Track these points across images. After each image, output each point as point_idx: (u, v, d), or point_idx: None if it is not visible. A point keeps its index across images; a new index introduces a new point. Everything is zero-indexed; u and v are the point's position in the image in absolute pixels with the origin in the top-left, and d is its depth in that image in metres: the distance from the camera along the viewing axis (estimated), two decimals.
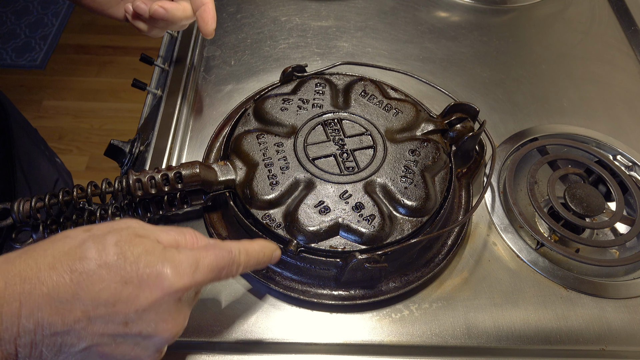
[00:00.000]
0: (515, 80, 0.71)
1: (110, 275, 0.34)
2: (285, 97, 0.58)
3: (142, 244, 0.36)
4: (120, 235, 0.36)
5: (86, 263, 0.34)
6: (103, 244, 0.35)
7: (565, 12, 0.82)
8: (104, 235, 0.36)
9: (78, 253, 0.34)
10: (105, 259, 0.34)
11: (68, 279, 0.33)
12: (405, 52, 0.74)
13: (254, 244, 0.42)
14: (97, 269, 0.34)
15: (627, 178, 0.60)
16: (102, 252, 0.34)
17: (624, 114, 0.68)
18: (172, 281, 0.35)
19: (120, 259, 0.34)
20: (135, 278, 0.34)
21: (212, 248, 0.39)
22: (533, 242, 0.55)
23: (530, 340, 0.49)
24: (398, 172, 0.52)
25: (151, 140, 0.61)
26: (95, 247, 0.34)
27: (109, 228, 0.37)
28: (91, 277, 0.34)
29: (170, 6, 0.55)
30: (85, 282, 0.33)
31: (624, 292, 0.52)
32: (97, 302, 0.34)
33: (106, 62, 2.09)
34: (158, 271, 0.35)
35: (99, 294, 0.34)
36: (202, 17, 0.56)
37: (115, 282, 0.34)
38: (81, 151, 1.83)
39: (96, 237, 0.35)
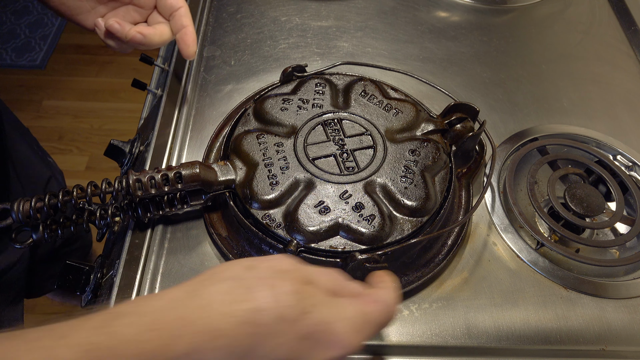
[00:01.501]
0: (515, 80, 0.71)
1: (287, 330, 0.32)
2: (285, 97, 0.57)
3: (315, 294, 0.34)
4: (292, 282, 0.33)
5: (264, 315, 0.31)
6: (278, 292, 0.32)
7: (565, 12, 0.82)
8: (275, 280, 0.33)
9: (252, 302, 0.31)
10: (282, 311, 0.31)
11: (244, 332, 0.31)
12: (405, 52, 0.74)
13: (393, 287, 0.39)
14: (275, 323, 0.31)
15: (627, 178, 0.60)
16: (277, 302, 0.32)
17: (624, 114, 0.68)
18: (348, 342, 0.33)
19: (296, 313, 0.32)
20: (312, 335, 0.32)
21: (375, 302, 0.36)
22: (533, 242, 0.55)
23: (530, 340, 0.49)
24: (398, 172, 0.52)
25: (151, 140, 0.61)
26: (271, 296, 0.32)
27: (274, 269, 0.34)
28: (268, 331, 0.31)
29: (147, 32, 0.55)
30: (262, 336, 0.31)
31: (624, 292, 0.52)
32: (273, 358, 0.32)
33: (106, 62, 2.09)
34: (334, 329, 0.33)
35: (274, 350, 0.31)
36: (183, 40, 0.57)
37: (292, 338, 0.32)
38: (81, 151, 1.83)
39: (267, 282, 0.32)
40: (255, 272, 0.33)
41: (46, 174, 0.88)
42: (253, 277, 0.33)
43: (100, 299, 0.52)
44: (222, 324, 0.30)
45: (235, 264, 0.35)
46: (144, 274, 0.50)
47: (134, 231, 0.53)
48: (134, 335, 0.29)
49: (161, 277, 0.51)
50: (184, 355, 0.29)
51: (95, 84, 2.02)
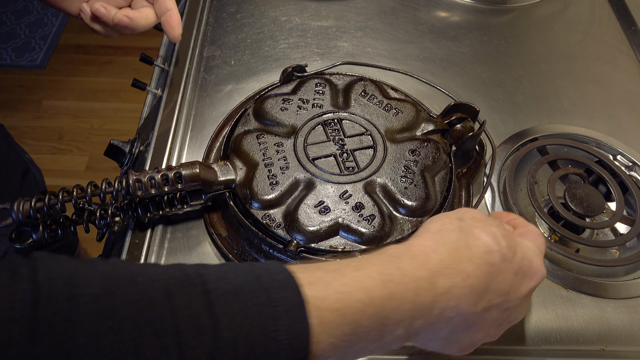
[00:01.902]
0: (515, 80, 0.71)
1: (508, 267, 0.37)
2: (285, 97, 0.57)
3: (510, 234, 0.39)
4: (497, 226, 0.39)
5: (493, 256, 0.37)
6: (495, 236, 0.38)
7: (565, 12, 0.82)
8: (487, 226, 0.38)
9: (482, 247, 0.37)
10: (504, 252, 0.37)
11: (484, 271, 0.36)
12: (405, 52, 0.74)
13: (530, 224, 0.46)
14: (500, 262, 0.37)
15: (627, 178, 0.60)
16: (499, 244, 0.37)
17: (624, 114, 0.68)
18: (543, 272, 0.40)
19: (511, 252, 0.38)
20: (521, 269, 0.38)
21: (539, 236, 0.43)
22: None
23: (530, 340, 0.49)
24: (398, 172, 0.52)
25: (151, 140, 0.61)
26: (492, 240, 0.37)
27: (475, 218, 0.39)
28: (498, 269, 0.37)
29: (134, 15, 0.56)
30: (495, 274, 0.36)
31: (624, 292, 0.52)
32: (499, 292, 0.37)
33: (106, 62, 2.09)
34: (533, 263, 0.39)
35: (501, 284, 0.37)
36: (168, 22, 0.58)
37: (511, 273, 0.37)
38: (81, 151, 1.82)
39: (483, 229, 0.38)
40: (467, 222, 0.39)
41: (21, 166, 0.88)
42: (470, 226, 0.38)
43: None
44: (468, 266, 0.36)
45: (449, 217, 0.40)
46: None
47: (134, 231, 0.53)
48: (412, 271, 0.34)
49: None
50: (445, 290, 0.34)
51: (95, 84, 2.01)
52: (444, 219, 0.40)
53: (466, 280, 0.35)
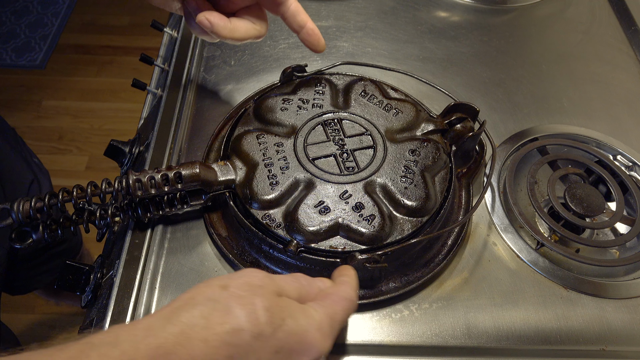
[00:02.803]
0: (515, 80, 0.71)
1: (264, 346, 0.33)
2: (285, 97, 0.57)
3: (287, 307, 0.35)
4: (266, 298, 0.34)
5: (241, 335, 0.32)
6: (253, 309, 0.33)
7: (565, 12, 0.82)
8: (250, 298, 0.34)
9: (230, 323, 0.32)
10: (259, 329, 0.33)
11: (223, 354, 0.31)
12: (405, 52, 0.74)
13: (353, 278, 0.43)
14: (252, 341, 0.32)
15: (627, 178, 0.60)
16: (255, 321, 0.33)
17: (624, 114, 0.68)
18: (320, 347, 0.35)
19: (272, 328, 0.33)
20: (286, 346, 0.34)
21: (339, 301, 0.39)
22: (533, 242, 0.55)
23: (530, 340, 0.49)
24: (398, 172, 0.52)
25: (151, 140, 0.61)
26: (246, 315, 0.33)
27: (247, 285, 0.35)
28: (246, 350, 0.32)
29: (216, 21, 0.51)
30: (240, 356, 0.32)
31: (624, 292, 0.52)
32: None
33: (106, 62, 2.09)
34: (306, 338, 0.35)
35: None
36: (308, 41, 0.55)
37: (268, 353, 0.33)
38: (81, 151, 1.83)
39: (243, 301, 0.33)
40: (229, 291, 0.34)
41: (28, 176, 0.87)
42: (228, 297, 0.34)
43: (100, 299, 0.52)
44: (201, 349, 0.31)
45: (209, 285, 0.35)
46: (144, 274, 0.50)
47: (134, 231, 0.53)
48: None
49: (161, 277, 0.51)
50: None
51: (95, 84, 2.02)
52: (201, 288, 0.35)
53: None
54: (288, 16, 0.54)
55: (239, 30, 0.52)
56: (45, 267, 1.00)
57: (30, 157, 0.92)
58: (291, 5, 0.53)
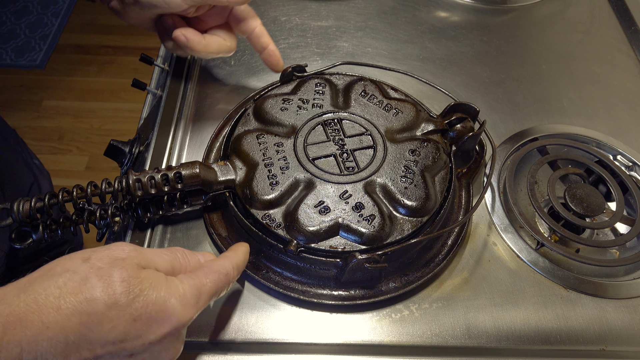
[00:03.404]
0: (515, 80, 0.71)
1: (120, 315, 0.34)
2: (285, 97, 0.57)
3: (147, 278, 0.36)
4: (125, 269, 0.35)
5: (94, 304, 0.33)
6: (109, 281, 0.34)
7: (565, 12, 0.82)
8: (108, 270, 0.35)
9: (84, 293, 0.33)
10: (113, 299, 0.33)
11: (76, 321, 0.32)
12: (405, 52, 0.74)
13: (239, 254, 0.44)
14: (106, 310, 0.33)
15: (627, 178, 0.60)
16: (109, 291, 0.34)
17: (624, 114, 0.68)
18: (180, 316, 0.36)
19: (128, 298, 0.34)
20: (144, 315, 0.35)
21: (210, 273, 0.40)
22: (533, 242, 0.55)
23: (530, 340, 0.49)
24: (398, 172, 0.52)
25: (151, 140, 0.61)
26: (102, 285, 0.34)
27: (109, 258, 0.36)
28: (100, 319, 0.33)
29: (191, 37, 0.56)
30: (94, 324, 0.33)
31: (624, 292, 0.52)
32: (106, 341, 0.33)
33: (106, 62, 2.09)
34: (166, 307, 0.35)
35: (108, 333, 0.33)
36: (268, 61, 0.61)
37: (125, 321, 0.34)
38: (81, 151, 1.83)
39: (100, 272, 0.34)
40: (90, 262, 0.35)
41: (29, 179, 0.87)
42: (87, 268, 0.34)
43: None
44: (53, 316, 0.32)
45: (71, 257, 0.36)
46: None
47: (134, 231, 0.53)
48: None
49: None
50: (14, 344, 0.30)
51: (95, 84, 2.02)
52: (65, 260, 0.35)
53: (44, 332, 0.31)
54: (252, 37, 0.60)
55: (212, 45, 0.58)
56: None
57: (30, 159, 0.92)
58: (256, 28, 0.59)
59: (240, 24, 0.59)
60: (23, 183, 0.86)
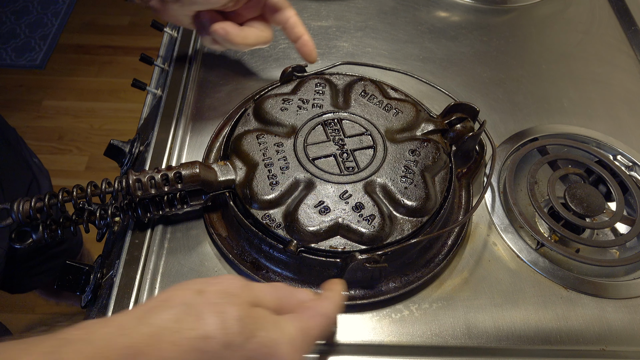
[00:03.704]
0: (515, 80, 0.71)
1: (233, 356, 0.33)
2: (285, 97, 0.57)
3: (260, 317, 0.35)
4: (239, 307, 0.34)
5: (210, 343, 0.32)
6: (224, 319, 0.33)
7: (565, 12, 0.82)
8: (223, 306, 0.34)
9: (200, 329, 0.32)
10: (229, 338, 0.33)
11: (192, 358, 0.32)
12: (405, 52, 0.74)
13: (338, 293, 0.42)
14: (222, 349, 0.33)
15: (627, 178, 0.60)
16: (225, 329, 0.33)
17: (624, 114, 0.68)
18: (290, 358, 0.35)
19: (242, 338, 0.33)
20: (255, 358, 0.34)
21: (316, 316, 0.39)
22: (533, 242, 0.55)
23: (530, 340, 0.49)
24: (398, 172, 0.52)
25: (151, 140, 0.61)
26: (218, 323, 0.33)
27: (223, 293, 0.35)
28: (214, 357, 0.32)
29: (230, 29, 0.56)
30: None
31: (624, 292, 0.52)
32: None
33: (106, 62, 2.09)
34: (276, 351, 0.34)
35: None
36: (302, 50, 0.60)
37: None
38: (81, 151, 1.83)
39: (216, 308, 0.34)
40: (204, 297, 0.34)
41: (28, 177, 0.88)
42: (202, 303, 0.34)
43: (100, 299, 0.52)
44: (170, 352, 0.31)
45: (185, 288, 0.35)
46: (143, 274, 0.50)
47: (134, 231, 0.53)
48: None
49: (161, 277, 0.51)
50: None
51: (95, 84, 2.02)
52: (178, 290, 0.35)
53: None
54: (287, 27, 0.60)
55: (250, 37, 0.58)
56: (44, 267, 1.00)
57: (30, 158, 0.92)
58: (290, 18, 0.59)
59: (275, 14, 0.59)
60: (22, 181, 0.86)
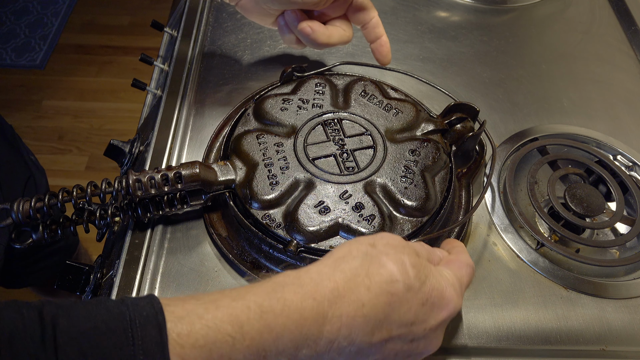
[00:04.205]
0: (515, 80, 0.71)
1: (414, 298, 0.36)
2: (285, 97, 0.57)
3: (426, 266, 0.38)
4: (411, 256, 0.38)
5: (396, 286, 0.36)
6: (403, 265, 0.37)
7: (565, 12, 0.82)
8: (399, 256, 0.37)
9: (386, 274, 0.36)
10: (409, 282, 0.36)
11: (384, 300, 0.35)
12: (405, 52, 0.74)
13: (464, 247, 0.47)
14: (405, 292, 0.36)
15: (627, 178, 0.60)
16: (406, 274, 0.36)
17: (624, 114, 0.68)
18: (455, 303, 0.39)
19: (419, 283, 0.37)
20: (430, 300, 0.37)
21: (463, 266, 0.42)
22: (533, 242, 0.55)
23: (530, 340, 0.49)
24: (398, 172, 0.52)
25: (151, 140, 0.61)
26: (399, 269, 0.36)
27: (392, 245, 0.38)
28: (400, 299, 0.36)
29: (316, 28, 0.56)
30: (397, 304, 0.35)
31: (624, 292, 0.52)
32: (401, 322, 0.36)
33: (106, 62, 2.09)
34: (445, 294, 0.38)
35: (404, 315, 0.36)
36: (378, 51, 0.60)
37: (416, 304, 0.36)
38: (81, 151, 1.82)
39: (393, 257, 0.37)
40: (378, 249, 0.38)
41: (25, 174, 0.88)
42: (379, 253, 0.37)
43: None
44: (365, 294, 0.35)
45: (360, 242, 0.39)
46: (143, 274, 0.50)
47: (134, 231, 0.53)
48: (298, 302, 0.33)
49: (161, 277, 0.51)
50: (335, 320, 0.34)
51: (95, 84, 2.02)
52: (354, 244, 0.39)
53: (360, 309, 0.34)
54: (369, 27, 0.59)
55: (334, 36, 0.58)
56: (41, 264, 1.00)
57: (27, 155, 0.92)
58: (373, 18, 0.59)
59: (358, 13, 0.59)
60: (19, 178, 0.86)
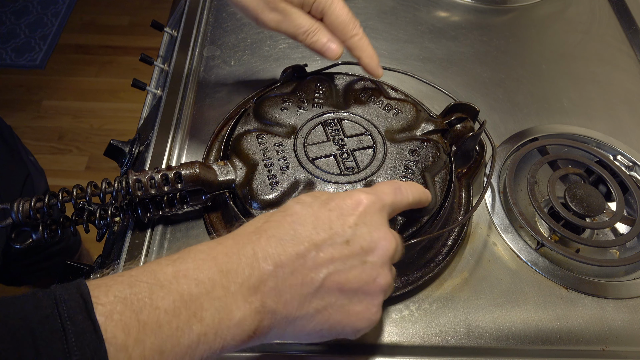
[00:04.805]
0: (515, 80, 0.71)
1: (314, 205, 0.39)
2: (285, 97, 0.57)
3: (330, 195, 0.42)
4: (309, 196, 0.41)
5: (292, 209, 0.39)
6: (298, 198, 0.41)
7: (565, 12, 0.82)
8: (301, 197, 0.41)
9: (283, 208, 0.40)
10: (303, 200, 0.40)
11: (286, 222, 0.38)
12: (405, 52, 0.74)
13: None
14: (302, 208, 0.39)
15: (627, 178, 0.60)
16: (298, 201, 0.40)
17: (624, 114, 0.68)
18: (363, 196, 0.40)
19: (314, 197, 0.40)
20: (334, 202, 0.40)
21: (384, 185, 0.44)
22: (533, 242, 0.55)
23: (530, 341, 0.49)
24: (398, 172, 0.52)
25: (151, 140, 0.61)
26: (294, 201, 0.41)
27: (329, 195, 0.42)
28: (300, 214, 0.39)
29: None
30: (299, 219, 0.38)
31: (624, 293, 0.52)
32: (316, 227, 0.38)
33: (106, 62, 2.09)
34: (350, 194, 0.41)
35: (315, 222, 0.38)
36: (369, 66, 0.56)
37: (320, 209, 0.39)
38: (81, 151, 1.82)
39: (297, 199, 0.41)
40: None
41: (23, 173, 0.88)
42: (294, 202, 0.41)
43: None
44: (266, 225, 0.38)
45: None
46: None
47: (134, 231, 0.53)
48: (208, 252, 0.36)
49: None
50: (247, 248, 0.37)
51: (95, 84, 2.01)
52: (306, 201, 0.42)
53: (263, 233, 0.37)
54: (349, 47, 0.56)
55: None
56: (42, 265, 1.00)
57: (25, 155, 0.92)
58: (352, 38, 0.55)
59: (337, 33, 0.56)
60: (17, 177, 0.86)
